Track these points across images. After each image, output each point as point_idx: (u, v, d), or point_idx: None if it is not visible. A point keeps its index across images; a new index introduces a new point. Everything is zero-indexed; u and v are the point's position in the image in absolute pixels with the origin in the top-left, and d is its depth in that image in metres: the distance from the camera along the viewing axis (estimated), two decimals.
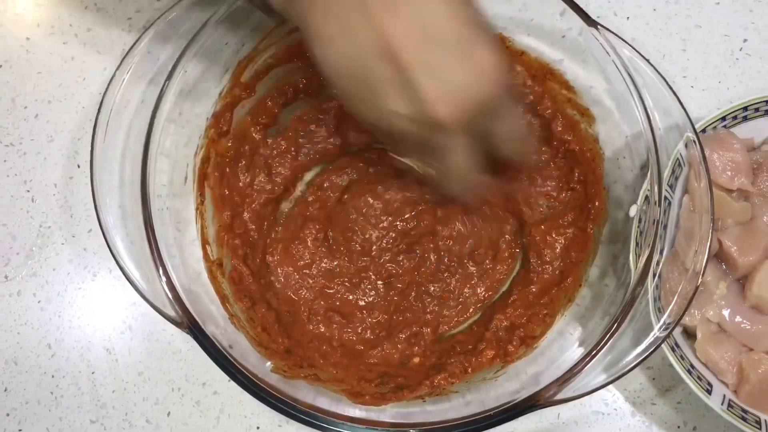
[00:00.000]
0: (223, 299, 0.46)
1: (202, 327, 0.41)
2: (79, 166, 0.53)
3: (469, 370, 0.46)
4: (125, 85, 0.46)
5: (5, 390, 0.49)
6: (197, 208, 0.48)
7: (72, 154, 0.53)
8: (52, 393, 0.49)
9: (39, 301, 0.50)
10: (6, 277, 0.51)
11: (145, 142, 0.44)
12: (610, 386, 0.48)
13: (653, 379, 0.50)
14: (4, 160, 0.53)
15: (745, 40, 0.55)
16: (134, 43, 0.46)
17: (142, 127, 0.46)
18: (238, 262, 0.48)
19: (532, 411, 0.41)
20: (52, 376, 0.49)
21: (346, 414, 0.41)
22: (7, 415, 0.48)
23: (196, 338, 0.41)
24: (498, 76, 0.38)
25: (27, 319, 0.50)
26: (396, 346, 0.48)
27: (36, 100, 0.54)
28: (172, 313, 0.42)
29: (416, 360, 0.48)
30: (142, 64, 0.47)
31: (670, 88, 0.45)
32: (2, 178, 0.52)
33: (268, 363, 0.44)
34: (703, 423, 0.49)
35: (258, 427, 0.48)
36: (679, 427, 0.49)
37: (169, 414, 0.49)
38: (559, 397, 0.41)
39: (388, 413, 0.44)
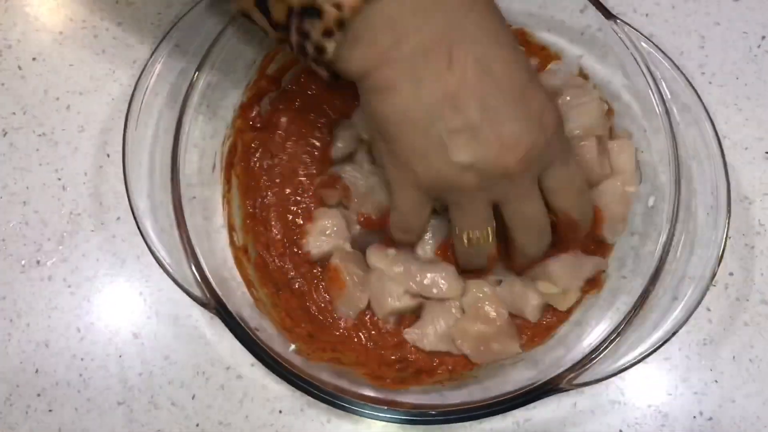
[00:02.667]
0: (249, 284, 0.47)
1: (229, 308, 0.43)
2: (108, 156, 0.54)
3: None
4: (155, 77, 0.48)
5: (36, 371, 0.50)
6: (224, 196, 0.49)
7: (102, 144, 0.54)
8: (81, 375, 0.50)
9: (69, 286, 0.52)
10: (38, 262, 0.52)
11: (175, 133, 0.46)
12: (626, 375, 0.49)
13: (669, 370, 0.50)
14: (37, 149, 0.54)
15: (763, 37, 0.56)
16: (164, 37, 0.48)
17: (172, 119, 0.47)
18: (261, 249, 0.49)
19: (551, 395, 0.42)
20: (81, 359, 0.51)
21: (368, 395, 0.42)
22: (38, 395, 0.50)
23: (223, 319, 0.43)
24: (553, 122, 0.39)
25: (57, 303, 0.52)
26: None
27: (68, 91, 0.56)
28: (199, 293, 0.43)
29: None
30: (170, 57, 0.49)
31: (689, 82, 0.46)
32: (35, 167, 0.54)
33: (292, 345, 0.45)
34: (719, 413, 0.49)
35: (281, 411, 0.49)
36: (695, 417, 0.49)
37: (193, 397, 0.50)
38: (578, 381, 0.42)
39: (408, 397, 0.45)
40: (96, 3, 0.57)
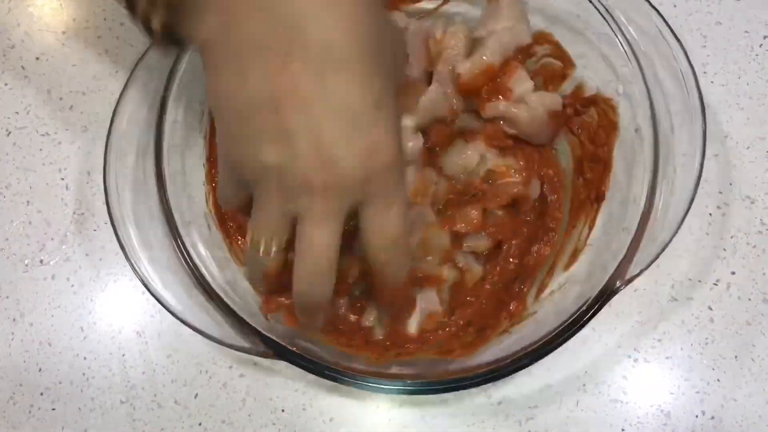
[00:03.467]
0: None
1: (293, 349, 0.42)
2: None
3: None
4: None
5: (40, 370, 0.50)
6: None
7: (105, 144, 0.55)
8: (84, 374, 0.50)
9: (72, 285, 0.52)
10: (41, 261, 0.52)
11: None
12: (628, 374, 0.49)
13: (671, 369, 0.50)
14: (40, 149, 0.55)
15: (765, 37, 0.56)
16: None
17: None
18: None
19: (611, 298, 0.42)
20: (84, 358, 0.51)
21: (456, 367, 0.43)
22: (41, 394, 0.50)
23: (291, 362, 0.42)
24: (385, 161, 0.36)
25: (61, 303, 0.52)
26: None
27: (71, 91, 0.56)
28: (249, 345, 0.42)
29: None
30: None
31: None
32: (38, 167, 0.54)
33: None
34: (721, 412, 0.49)
35: (283, 410, 0.49)
36: (697, 416, 0.50)
37: (196, 396, 0.50)
38: (632, 274, 0.43)
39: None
40: (99, 4, 0.57)
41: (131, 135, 0.47)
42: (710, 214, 0.53)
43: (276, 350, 0.42)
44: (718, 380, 0.50)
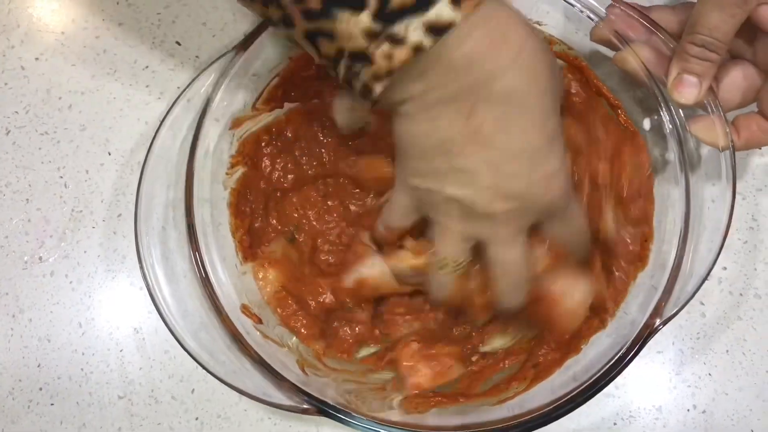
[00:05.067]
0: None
1: (336, 405, 0.42)
2: (109, 154, 0.55)
3: None
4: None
5: (38, 366, 0.51)
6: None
7: (103, 142, 0.55)
8: (82, 369, 0.51)
9: (71, 282, 0.53)
10: (40, 258, 0.53)
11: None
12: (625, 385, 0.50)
13: (662, 364, 0.51)
14: (39, 148, 0.55)
15: None
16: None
17: None
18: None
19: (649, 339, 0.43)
20: (83, 354, 0.51)
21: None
22: (40, 389, 0.51)
23: (330, 416, 0.42)
24: (558, 190, 0.41)
25: (59, 299, 0.52)
26: None
27: (70, 91, 0.56)
28: (288, 402, 0.43)
29: None
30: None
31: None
32: (37, 165, 0.55)
33: (395, 401, 0.45)
34: (712, 406, 0.50)
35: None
36: (688, 410, 0.50)
37: (193, 391, 0.51)
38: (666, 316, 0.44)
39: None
40: (97, 4, 0.58)
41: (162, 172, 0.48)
42: (708, 208, 0.53)
43: (319, 407, 0.42)
44: (710, 374, 0.51)
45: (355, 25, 0.34)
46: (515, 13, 0.38)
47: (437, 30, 0.34)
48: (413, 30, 0.34)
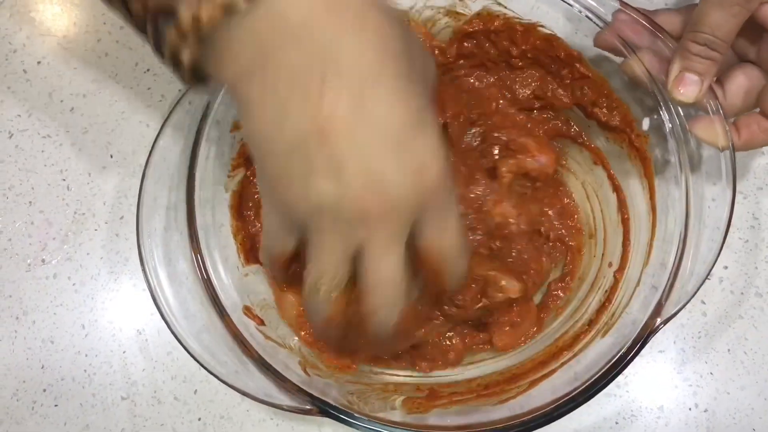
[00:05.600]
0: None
1: (338, 405, 0.42)
2: (111, 156, 0.55)
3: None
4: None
5: (42, 367, 0.51)
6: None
7: (105, 145, 0.55)
8: (85, 371, 0.51)
9: (74, 284, 0.53)
10: (43, 260, 0.53)
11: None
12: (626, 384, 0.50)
13: (664, 363, 0.51)
14: (42, 151, 0.56)
15: None
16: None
17: None
18: None
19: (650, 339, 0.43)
20: (86, 355, 0.52)
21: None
22: (44, 390, 0.51)
23: (332, 417, 0.42)
24: (435, 176, 0.35)
25: (62, 301, 0.53)
26: None
27: (71, 94, 0.57)
28: (291, 403, 0.42)
29: None
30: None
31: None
32: (40, 168, 0.55)
33: (396, 402, 0.45)
34: (714, 405, 0.50)
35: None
36: (690, 409, 0.50)
37: (196, 392, 0.51)
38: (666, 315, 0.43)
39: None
40: (98, 8, 0.58)
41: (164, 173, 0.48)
42: (708, 207, 0.53)
43: (321, 408, 0.42)
44: (711, 373, 0.51)
45: None
46: None
47: None
48: None
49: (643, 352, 0.50)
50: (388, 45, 0.33)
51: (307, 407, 0.42)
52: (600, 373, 0.43)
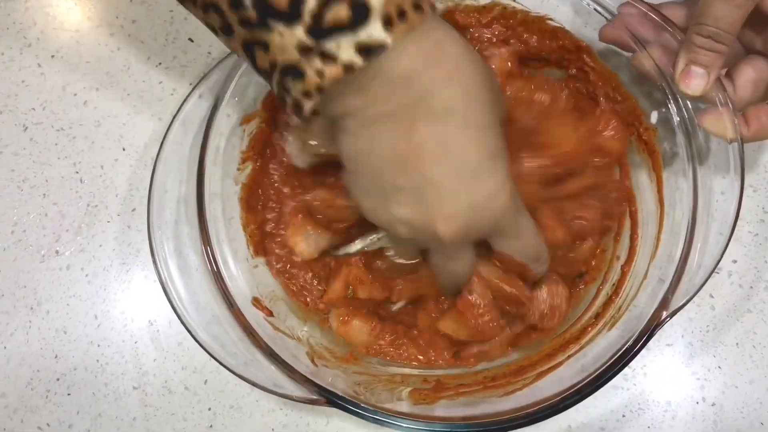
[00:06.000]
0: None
1: (344, 395, 0.43)
2: (124, 149, 0.56)
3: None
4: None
5: (56, 357, 0.52)
6: None
7: (117, 138, 0.56)
8: (98, 360, 0.52)
9: (86, 275, 0.54)
10: (57, 252, 0.54)
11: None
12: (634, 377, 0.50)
13: (672, 356, 0.51)
14: (55, 144, 0.56)
15: None
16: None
17: None
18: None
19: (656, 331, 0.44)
20: (98, 345, 0.52)
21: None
22: (57, 380, 0.52)
23: (340, 407, 0.43)
24: (504, 206, 0.40)
25: (75, 292, 0.53)
26: None
27: (84, 87, 0.57)
28: (299, 393, 0.43)
29: None
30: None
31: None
32: (54, 161, 0.56)
33: (403, 393, 0.46)
34: (722, 399, 0.50)
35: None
36: (698, 402, 0.50)
37: (206, 382, 0.52)
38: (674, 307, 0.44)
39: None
40: (111, 2, 0.59)
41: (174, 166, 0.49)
42: (716, 201, 0.53)
43: (328, 398, 0.43)
44: (719, 367, 0.51)
45: (289, 38, 0.34)
46: (451, 30, 0.38)
47: (368, 50, 0.34)
48: (344, 49, 0.34)
49: (651, 345, 0.50)
50: (477, 95, 0.38)
51: (315, 397, 0.42)
52: (606, 365, 0.43)
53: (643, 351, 0.50)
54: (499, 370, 0.47)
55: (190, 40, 0.58)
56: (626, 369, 0.50)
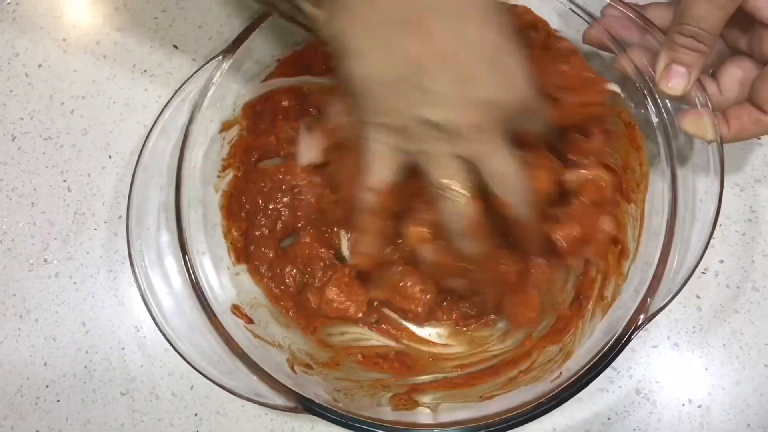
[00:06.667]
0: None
1: (321, 403, 0.43)
2: (110, 157, 0.56)
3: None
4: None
5: (45, 364, 0.53)
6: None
7: (104, 146, 0.57)
8: (86, 367, 0.53)
9: (74, 283, 0.54)
10: (45, 260, 0.55)
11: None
12: (614, 363, 0.49)
13: (657, 358, 0.50)
14: (43, 153, 0.57)
15: None
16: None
17: None
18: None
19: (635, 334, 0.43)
20: (86, 352, 0.53)
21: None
22: (47, 386, 0.52)
23: (318, 414, 0.43)
24: (525, 81, 0.40)
25: (64, 299, 0.54)
26: None
27: (72, 96, 0.58)
28: (278, 402, 0.43)
29: None
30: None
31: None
32: (41, 169, 0.56)
33: (383, 399, 0.46)
34: (708, 400, 0.49)
35: None
36: (684, 404, 0.50)
37: (192, 387, 0.52)
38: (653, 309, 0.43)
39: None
40: (97, 10, 0.59)
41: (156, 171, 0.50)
42: (700, 200, 0.53)
43: (306, 405, 0.43)
44: (706, 368, 0.50)
45: None
46: None
47: None
48: None
49: (636, 347, 0.50)
50: None
51: (293, 405, 0.43)
52: (585, 368, 0.43)
53: (629, 353, 0.50)
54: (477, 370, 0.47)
55: (175, 47, 0.58)
56: (611, 371, 0.50)
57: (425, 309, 0.49)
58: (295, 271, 0.51)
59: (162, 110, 0.48)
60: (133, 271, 0.46)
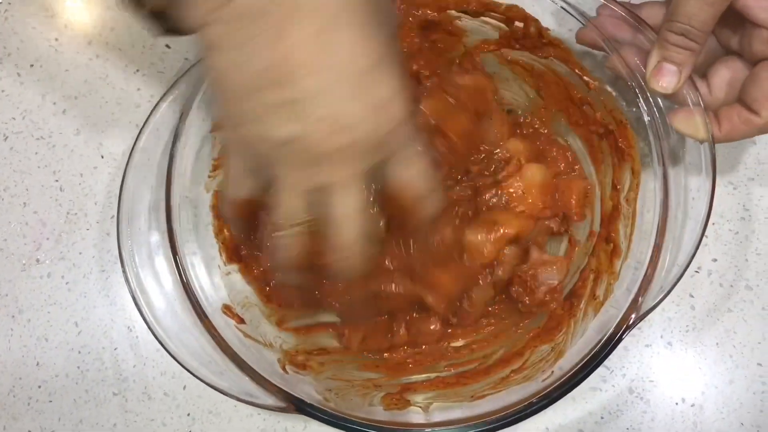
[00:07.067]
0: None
1: (312, 402, 0.42)
2: (102, 157, 0.56)
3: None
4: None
5: (37, 364, 0.53)
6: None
7: (96, 146, 0.56)
8: (78, 367, 0.53)
9: (67, 283, 0.54)
10: (37, 260, 0.55)
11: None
12: (607, 362, 0.49)
13: (651, 357, 0.50)
14: (35, 153, 0.57)
15: None
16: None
17: None
18: None
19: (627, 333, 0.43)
20: (79, 352, 0.53)
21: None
22: (39, 387, 0.52)
23: (308, 414, 0.42)
24: (397, 116, 0.36)
25: (56, 299, 0.54)
26: None
27: (64, 96, 0.58)
28: (269, 402, 0.43)
29: None
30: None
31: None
32: (33, 170, 0.56)
33: (375, 398, 0.46)
34: (701, 399, 0.49)
35: None
36: (677, 403, 0.50)
37: (184, 387, 0.52)
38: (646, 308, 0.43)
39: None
40: (89, 10, 0.59)
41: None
42: (693, 198, 0.52)
43: (297, 405, 0.42)
44: (699, 368, 0.50)
45: None
46: None
47: None
48: None
49: (629, 346, 0.50)
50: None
51: (284, 405, 0.43)
52: (577, 368, 0.43)
53: (622, 352, 0.50)
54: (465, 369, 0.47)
55: (167, 46, 0.58)
56: (604, 370, 0.50)
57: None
58: None
59: (152, 110, 0.48)
60: (124, 272, 0.46)
